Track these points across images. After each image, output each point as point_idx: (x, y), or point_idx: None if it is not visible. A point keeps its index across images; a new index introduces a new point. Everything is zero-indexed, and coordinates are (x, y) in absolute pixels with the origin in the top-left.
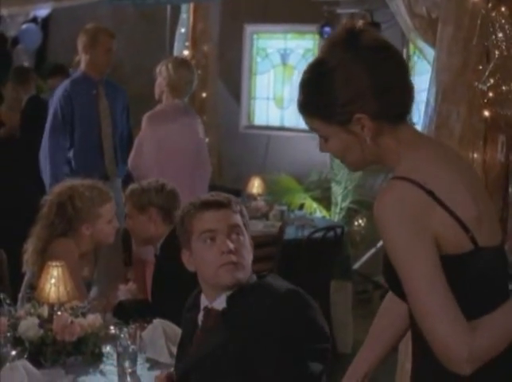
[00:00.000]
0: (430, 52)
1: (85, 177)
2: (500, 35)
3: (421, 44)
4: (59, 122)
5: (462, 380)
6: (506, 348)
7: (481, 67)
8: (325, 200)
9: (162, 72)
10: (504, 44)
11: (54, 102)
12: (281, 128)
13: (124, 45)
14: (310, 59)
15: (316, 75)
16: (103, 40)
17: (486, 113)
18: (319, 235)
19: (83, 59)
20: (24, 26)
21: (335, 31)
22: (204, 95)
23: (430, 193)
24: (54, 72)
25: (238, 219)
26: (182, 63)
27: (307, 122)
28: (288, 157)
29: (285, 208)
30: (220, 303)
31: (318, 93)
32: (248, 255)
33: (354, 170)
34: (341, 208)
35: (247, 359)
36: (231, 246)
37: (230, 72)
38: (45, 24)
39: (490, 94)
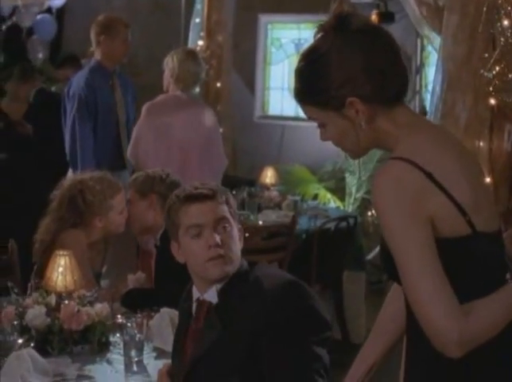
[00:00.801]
0: (438, 41)
1: (100, 167)
2: (505, 22)
3: (429, 33)
4: (84, 111)
5: (454, 367)
6: (497, 335)
7: (487, 55)
8: (339, 191)
9: (168, 64)
10: (510, 31)
11: (76, 90)
12: (296, 118)
13: (138, 36)
14: None
15: (309, 61)
16: (120, 30)
17: (492, 101)
18: (331, 225)
19: (98, 49)
20: (39, 17)
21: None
22: (219, 85)
23: (429, 175)
24: (64, 63)
25: (224, 210)
26: (188, 54)
27: (304, 111)
28: (302, 148)
29: (298, 198)
30: (211, 295)
31: (312, 79)
32: (236, 247)
33: (354, 157)
34: (355, 199)
35: (247, 354)
36: (218, 239)
37: (244, 62)
38: (60, 14)
39: (496, 82)
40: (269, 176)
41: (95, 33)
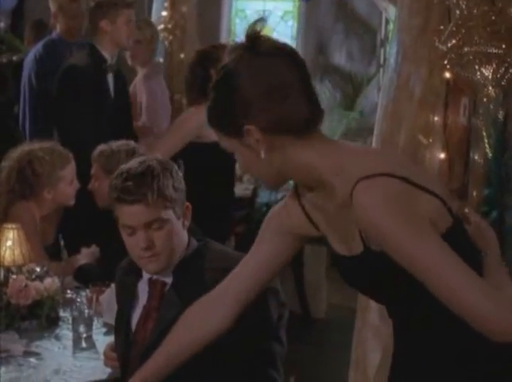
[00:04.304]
0: (394, 13)
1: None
2: None
3: (387, 5)
4: (36, 90)
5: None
6: None
7: (442, 27)
8: None
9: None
10: (465, 3)
11: (27, 67)
12: None
13: None
14: (289, 21)
15: (215, 82)
16: (70, 5)
17: (448, 75)
18: None
19: (57, 23)
20: None
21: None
22: (182, 56)
23: (405, 180)
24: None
25: (155, 211)
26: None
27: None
28: None
29: None
30: (165, 275)
31: (215, 102)
32: (171, 242)
33: (269, 188)
34: None
35: None
36: (146, 243)
37: (208, 33)
38: None
39: (452, 55)
40: None
41: (51, 6)
